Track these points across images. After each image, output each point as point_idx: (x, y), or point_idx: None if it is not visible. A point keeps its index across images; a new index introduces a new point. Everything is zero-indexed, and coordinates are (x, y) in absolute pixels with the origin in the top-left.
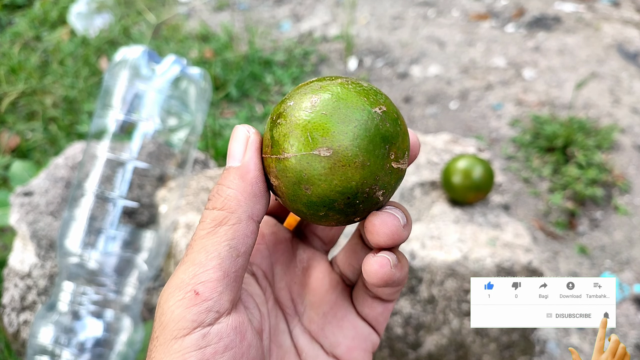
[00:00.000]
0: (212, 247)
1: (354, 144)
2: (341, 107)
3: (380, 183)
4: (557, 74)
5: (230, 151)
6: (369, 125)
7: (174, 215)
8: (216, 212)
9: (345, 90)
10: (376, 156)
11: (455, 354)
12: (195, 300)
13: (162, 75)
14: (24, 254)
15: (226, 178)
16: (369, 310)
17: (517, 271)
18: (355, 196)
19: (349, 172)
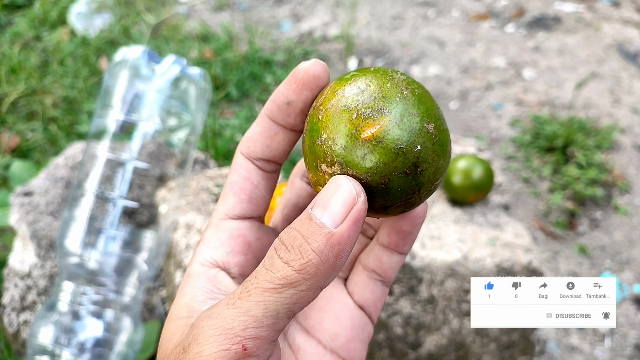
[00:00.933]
0: (273, 306)
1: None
2: (402, 136)
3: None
4: (557, 74)
5: (326, 202)
6: (430, 136)
7: (174, 215)
8: (291, 271)
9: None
10: (440, 155)
11: (455, 354)
12: (241, 355)
13: (162, 75)
14: (24, 254)
15: (314, 236)
16: (370, 294)
17: (517, 271)
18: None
19: (425, 166)
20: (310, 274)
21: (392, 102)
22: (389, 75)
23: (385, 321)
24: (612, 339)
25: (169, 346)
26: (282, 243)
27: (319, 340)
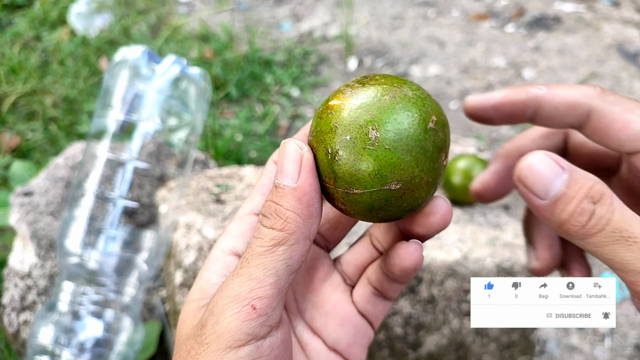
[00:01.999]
0: (270, 265)
1: (419, 169)
2: (402, 137)
3: (436, 183)
4: (557, 74)
5: (282, 168)
6: (427, 146)
7: (174, 215)
8: (275, 232)
9: (398, 109)
10: (435, 169)
11: (455, 354)
12: (252, 314)
13: (162, 75)
14: (24, 254)
15: (283, 198)
16: (372, 307)
17: (517, 271)
18: (419, 205)
19: (417, 193)
20: (292, 229)
21: (395, 118)
22: (396, 87)
23: (385, 321)
24: (612, 339)
25: (184, 328)
26: (263, 214)
27: (324, 340)
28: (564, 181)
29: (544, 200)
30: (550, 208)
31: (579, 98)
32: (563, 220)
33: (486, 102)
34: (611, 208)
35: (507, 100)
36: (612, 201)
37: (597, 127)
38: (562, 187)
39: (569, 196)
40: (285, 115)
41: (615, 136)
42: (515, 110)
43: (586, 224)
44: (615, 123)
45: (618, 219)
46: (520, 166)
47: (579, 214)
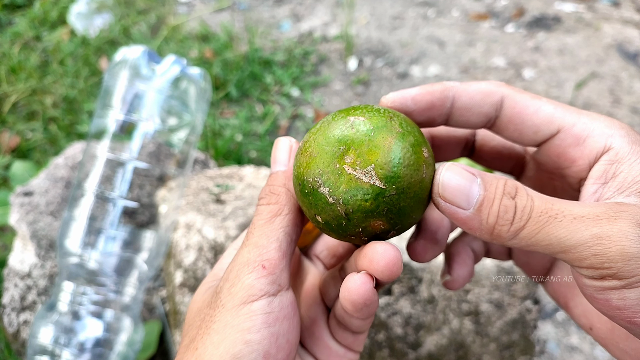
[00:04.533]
0: (272, 233)
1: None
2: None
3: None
4: (557, 74)
5: (275, 158)
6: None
7: (174, 215)
8: (271, 206)
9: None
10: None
11: (455, 354)
12: (263, 272)
13: (162, 75)
14: (24, 254)
15: (276, 179)
16: (341, 339)
17: (517, 271)
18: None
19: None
20: (284, 201)
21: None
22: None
23: (385, 321)
24: None
25: (195, 306)
26: (260, 198)
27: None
28: (479, 185)
29: (468, 210)
30: (477, 216)
31: (491, 87)
32: (491, 224)
33: (405, 94)
34: (529, 196)
35: (425, 91)
36: (527, 190)
37: (512, 113)
38: (481, 191)
39: (489, 198)
40: (285, 115)
41: (530, 121)
42: (433, 100)
43: (514, 219)
44: (528, 108)
45: (539, 204)
46: (437, 185)
47: (504, 212)
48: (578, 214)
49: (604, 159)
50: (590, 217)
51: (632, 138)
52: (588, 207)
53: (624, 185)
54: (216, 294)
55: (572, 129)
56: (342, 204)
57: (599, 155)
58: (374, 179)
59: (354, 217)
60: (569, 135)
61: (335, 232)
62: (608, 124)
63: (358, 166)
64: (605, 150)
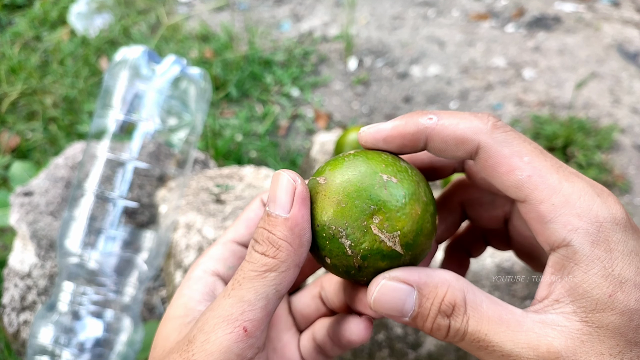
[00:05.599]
0: (262, 289)
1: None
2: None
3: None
4: (557, 74)
5: (274, 197)
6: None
7: (174, 215)
8: (268, 259)
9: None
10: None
11: (455, 354)
12: (243, 336)
13: (162, 75)
14: (24, 254)
15: (275, 227)
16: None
17: (517, 271)
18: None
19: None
20: (284, 257)
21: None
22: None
23: (385, 321)
24: None
25: (167, 344)
26: (255, 240)
27: None
28: (414, 300)
29: (405, 318)
30: (413, 323)
31: (467, 133)
32: (427, 332)
33: (376, 134)
34: (465, 318)
35: (396, 132)
36: (466, 309)
37: (484, 166)
38: (415, 307)
39: (423, 315)
40: (285, 115)
41: (499, 179)
42: (405, 142)
43: (447, 336)
44: (501, 166)
45: (473, 329)
46: (370, 297)
47: (437, 329)
48: (506, 351)
49: (560, 252)
50: (515, 357)
51: (599, 237)
52: (518, 344)
53: (574, 294)
54: (188, 341)
55: (538, 205)
56: (359, 259)
57: (558, 245)
58: (396, 245)
59: (365, 271)
60: (533, 210)
61: (339, 274)
62: (582, 210)
63: (385, 230)
64: (563, 244)
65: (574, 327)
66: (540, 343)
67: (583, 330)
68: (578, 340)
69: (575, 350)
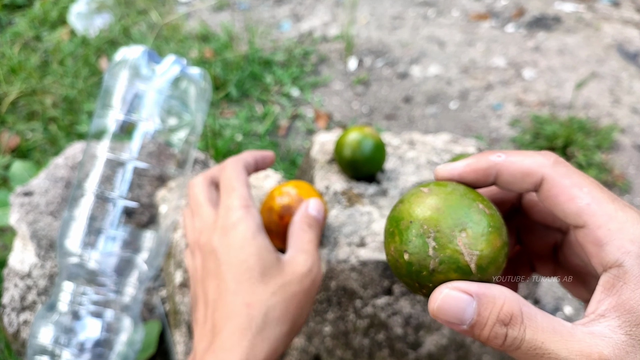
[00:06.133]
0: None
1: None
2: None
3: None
4: (557, 74)
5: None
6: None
7: (174, 215)
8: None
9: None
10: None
11: (455, 354)
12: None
13: (162, 75)
14: (24, 254)
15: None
16: None
17: None
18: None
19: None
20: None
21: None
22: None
23: (385, 321)
24: None
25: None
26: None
27: None
28: (474, 309)
29: (463, 326)
30: (471, 331)
31: (532, 167)
32: (484, 340)
33: (453, 171)
34: (522, 327)
35: (470, 169)
36: (523, 319)
37: (547, 196)
38: (474, 315)
39: (481, 323)
40: (285, 115)
41: (561, 207)
42: (478, 177)
43: (504, 344)
44: (562, 195)
45: (530, 338)
46: (433, 305)
47: (494, 337)
48: (561, 358)
49: (612, 272)
50: None
51: None
52: (572, 351)
53: (620, 309)
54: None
55: (596, 230)
56: (436, 262)
57: (610, 266)
58: (472, 262)
59: (436, 276)
60: (591, 234)
61: (407, 272)
62: (634, 236)
63: (468, 246)
64: (616, 265)
65: (619, 339)
66: (592, 351)
67: (627, 342)
68: (624, 351)
69: (622, 359)
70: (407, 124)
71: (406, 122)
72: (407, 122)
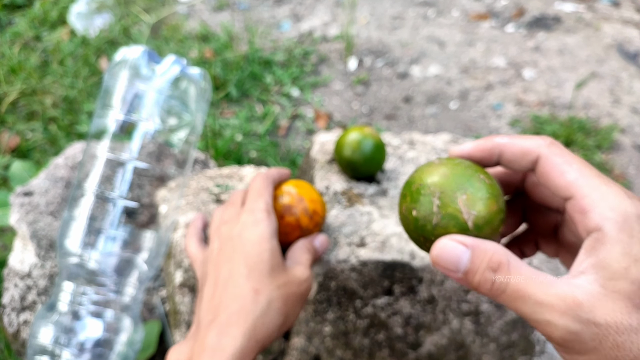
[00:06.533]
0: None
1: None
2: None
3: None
4: (557, 74)
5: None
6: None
7: (174, 215)
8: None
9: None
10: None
11: (455, 354)
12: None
13: (162, 75)
14: (24, 254)
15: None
16: None
17: None
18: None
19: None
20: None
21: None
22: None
23: (385, 321)
24: None
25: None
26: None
27: None
28: (468, 258)
29: (458, 273)
30: (464, 278)
31: (530, 147)
32: (475, 286)
33: (463, 150)
34: (508, 274)
35: (477, 149)
36: (509, 267)
37: (542, 172)
38: (467, 263)
39: (473, 270)
40: (285, 115)
41: (553, 182)
42: (484, 155)
43: (492, 288)
44: (554, 171)
45: (514, 283)
46: (433, 252)
47: (484, 282)
48: (539, 300)
49: (593, 235)
50: (546, 305)
51: (625, 226)
52: (550, 295)
53: (598, 266)
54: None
55: (581, 200)
56: (439, 218)
57: (592, 230)
58: (469, 220)
59: (438, 231)
60: (577, 204)
61: (414, 227)
62: (614, 205)
63: (467, 207)
64: (597, 229)
65: (594, 289)
66: (567, 295)
67: (601, 292)
68: (596, 298)
69: (594, 305)
70: (407, 124)
71: (406, 122)
72: (407, 122)
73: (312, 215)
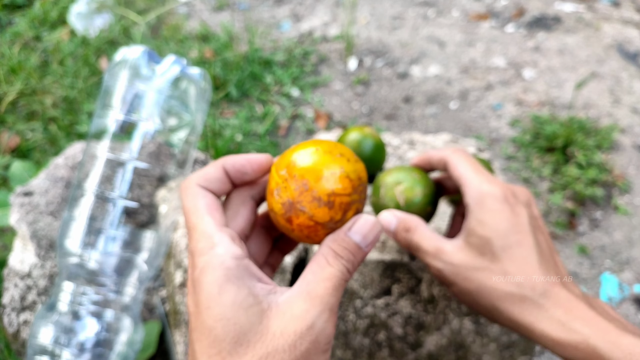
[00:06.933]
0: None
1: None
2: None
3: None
4: (557, 74)
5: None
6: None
7: (174, 215)
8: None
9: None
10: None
11: (455, 354)
12: None
13: (162, 75)
14: (24, 254)
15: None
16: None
17: None
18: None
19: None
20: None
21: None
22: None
23: (385, 321)
24: None
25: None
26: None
27: None
28: (394, 224)
29: (390, 233)
30: (394, 234)
31: (444, 154)
32: (398, 240)
33: (413, 162)
34: (415, 234)
35: (419, 160)
36: (417, 230)
37: (449, 170)
38: (394, 226)
39: (397, 231)
40: (285, 115)
41: (452, 174)
42: (424, 163)
43: (404, 242)
44: (453, 169)
45: (417, 239)
46: (379, 217)
47: (403, 239)
48: (424, 249)
49: (467, 210)
50: (428, 252)
51: (479, 201)
52: (431, 245)
53: (465, 230)
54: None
55: (464, 186)
56: (385, 199)
57: (467, 205)
58: (401, 201)
59: (385, 207)
60: (463, 189)
61: (375, 207)
62: (476, 187)
63: (400, 192)
64: (467, 204)
65: (459, 243)
66: (438, 246)
67: (461, 245)
68: (458, 248)
69: (455, 252)
70: (407, 124)
71: (406, 122)
72: (407, 122)
73: (331, 200)
